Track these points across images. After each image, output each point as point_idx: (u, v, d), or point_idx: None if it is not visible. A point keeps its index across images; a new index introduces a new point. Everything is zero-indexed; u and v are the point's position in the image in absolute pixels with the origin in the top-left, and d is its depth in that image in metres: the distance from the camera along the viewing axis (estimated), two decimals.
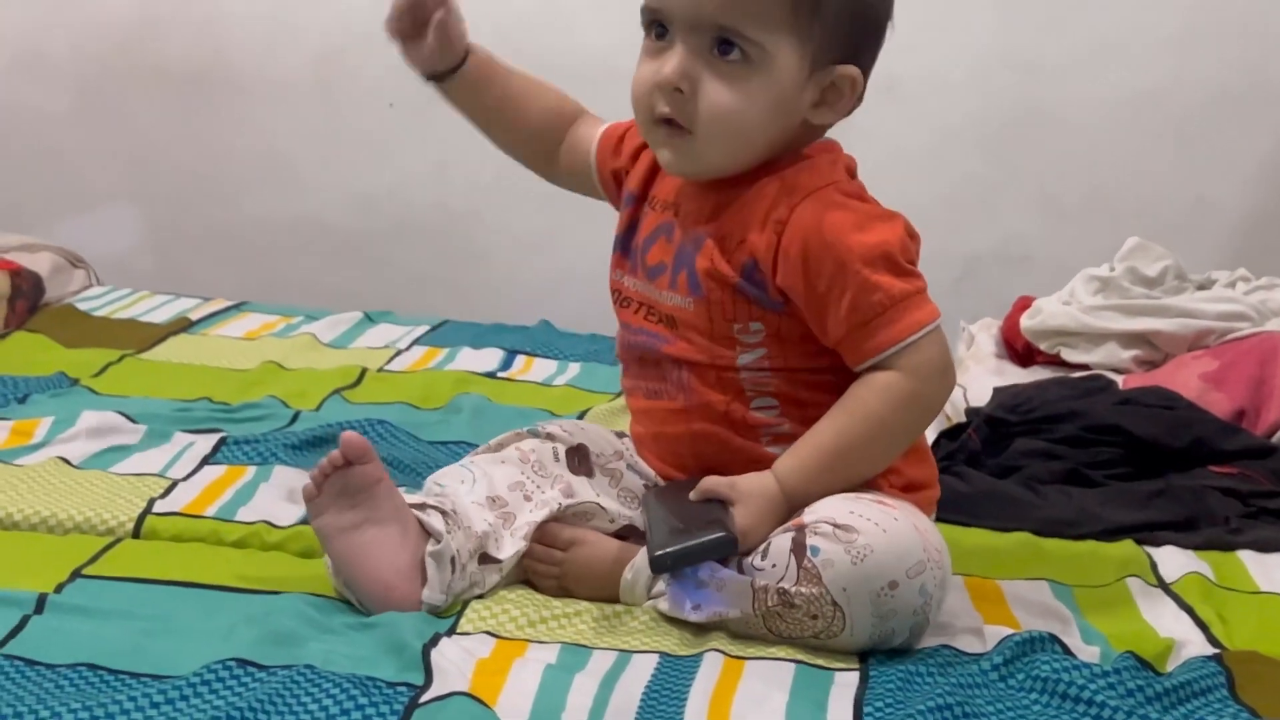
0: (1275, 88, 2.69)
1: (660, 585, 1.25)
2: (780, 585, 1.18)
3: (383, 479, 1.23)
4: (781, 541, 1.20)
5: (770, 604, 1.19)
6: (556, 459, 1.35)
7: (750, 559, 1.22)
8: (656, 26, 1.25)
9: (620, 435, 1.43)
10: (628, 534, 1.34)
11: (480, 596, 1.26)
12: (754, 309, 1.27)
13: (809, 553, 1.18)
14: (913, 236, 1.27)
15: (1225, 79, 2.70)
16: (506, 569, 1.28)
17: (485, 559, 1.27)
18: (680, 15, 1.23)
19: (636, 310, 1.34)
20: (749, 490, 1.25)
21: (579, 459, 1.36)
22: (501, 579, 1.28)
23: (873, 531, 1.18)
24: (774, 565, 1.19)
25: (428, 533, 1.24)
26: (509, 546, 1.28)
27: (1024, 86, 2.75)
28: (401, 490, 1.28)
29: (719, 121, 1.24)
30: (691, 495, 1.27)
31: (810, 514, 1.21)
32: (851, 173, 1.31)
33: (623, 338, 1.38)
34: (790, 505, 1.24)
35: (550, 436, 1.37)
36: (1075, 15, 2.72)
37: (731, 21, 1.22)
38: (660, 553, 1.20)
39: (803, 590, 1.17)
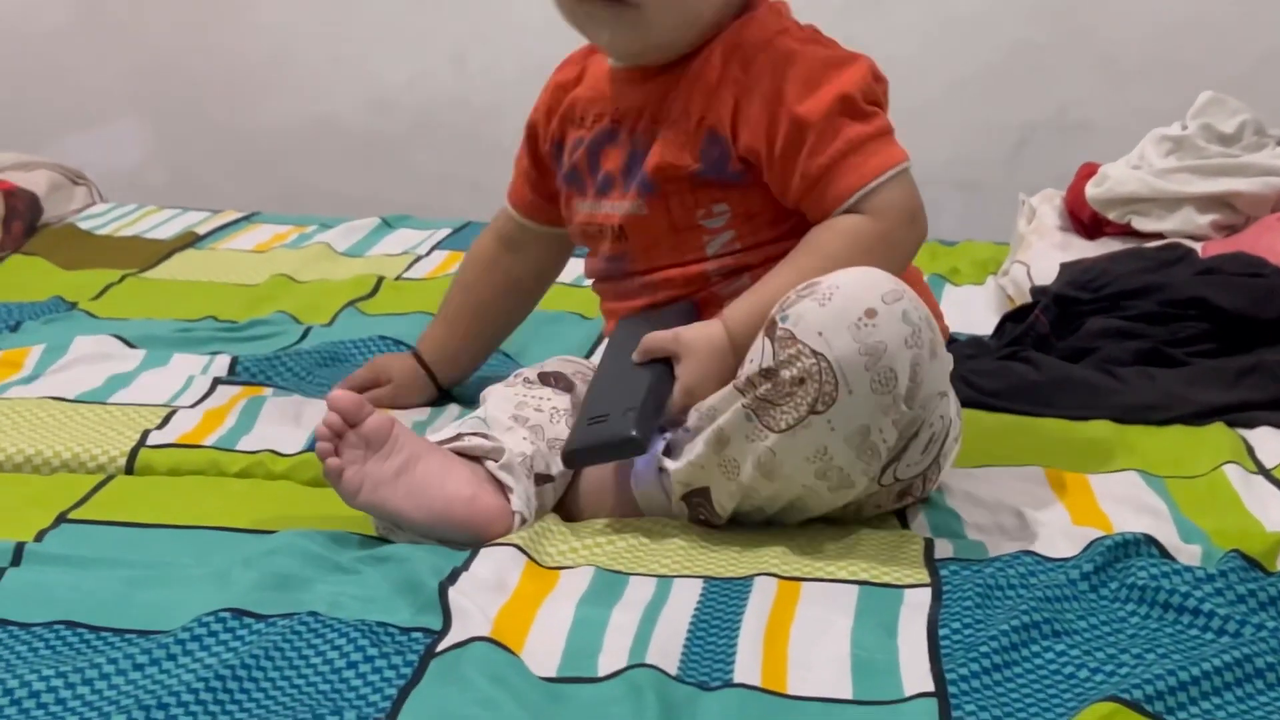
0: None
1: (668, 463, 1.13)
2: (761, 366, 1.07)
3: (395, 422, 1.11)
4: (756, 341, 1.10)
5: (758, 393, 1.07)
6: (530, 384, 1.24)
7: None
8: None
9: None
10: None
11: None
12: (715, 190, 1.19)
13: (779, 322, 1.07)
14: (878, 79, 1.19)
15: None
16: (560, 487, 1.17)
17: (540, 479, 1.15)
18: None
19: (594, 236, 1.26)
20: (694, 344, 1.15)
21: (554, 378, 1.25)
22: (557, 496, 1.18)
23: (837, 274, 1.08)
24: (752, 360, 1.09)
25: (477, 458, 1.13)
26: (557, 462, 1.16)
27: None
28: None
29: None
30: (634, 355, 1.16)
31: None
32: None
33: (589, 265, 1.30)
34: (739, 355, 1.12)
35: (518, 376, 1.26)
36: None
37: None
38: (566, 450, 1.12)
39: (782, 357, 1.06)
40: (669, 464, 1.12)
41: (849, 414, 1.06)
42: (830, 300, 1.05)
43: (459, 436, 1.14)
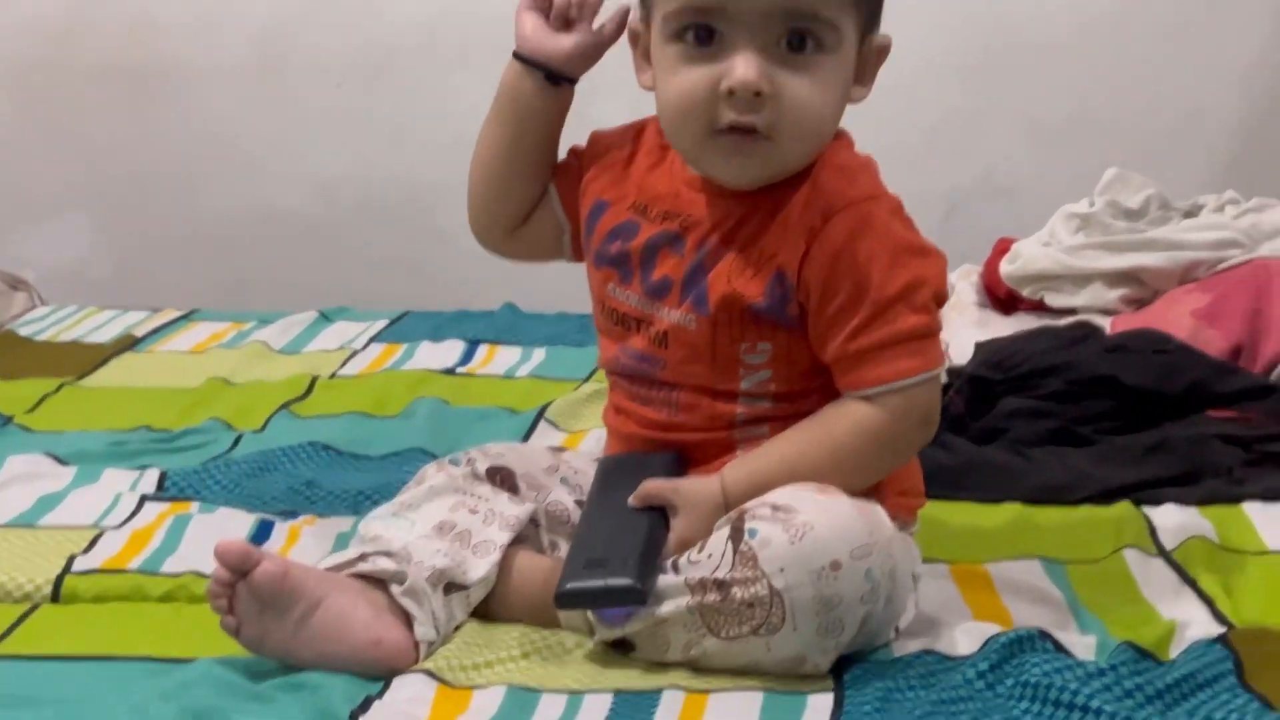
0: None
1: None
2: (716, 575, 1.08)
3: (288, 567, 1.11)
4: (720, 533, 1.11)
5: (707, 599, 1.09)
6: (477, 478, 1.25)
7: (686, 555, 1.12)
8: (699, 30, 1.13)
9: (558, 450, 1.35)
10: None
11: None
12: (766, 328, 1.18)
13: (746, 535, 1.08)
14: (943, 280, 1.18)
15: None
16: (476, 597, 1.19)
17: (451, 588, 1.17)
18: (747, 8, 1.10)
19: (629, 327, 1.24)
20: (693, 498, 1.16)
21: (500, 477, 1.26)
22: (472, 605, 1.19)
23: (813, 511, 1.09)
24: (710, 556, 1.10)
25: (381, 580, 1.15)
26: (477, 568, 1.18)
27: (999, 8, 2.63)
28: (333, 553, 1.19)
29: (804, 122, 1.13)
30: (631, 499, 1.17)
31: (750, 503, 1.12)
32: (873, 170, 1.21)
33: (610, 354, 1.27)
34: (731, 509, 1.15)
35: (470, 461, 1.27)
36: None
37: (811, 6, 1.11)
38: (561, 590, 1.12)
39: (738, 575, 1.07)
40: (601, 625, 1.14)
41: (788, 644, 1.08)
42: (801, 540, 1.07)
43: (363, 557, 1.16)
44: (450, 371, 1.93)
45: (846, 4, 1.14)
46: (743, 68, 1.11)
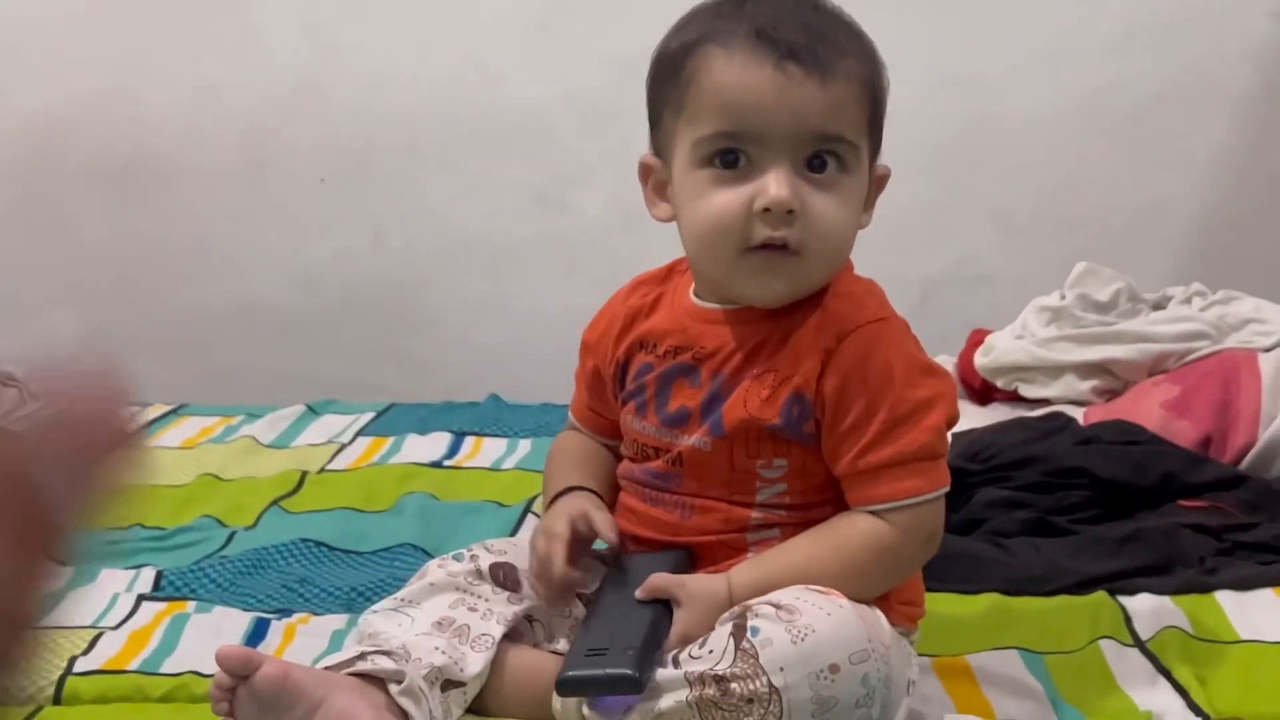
0: (1219, 81, 2.63)
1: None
2: (716, 670, 1.11)
3: (289, 671, 1.13)
4: (722, 629, 1.14)
5: (705, 693, 1.11)
6: (480, 577, 1.28)
7: (687, 650, 1.15)
8: (729, 154, 1.17)
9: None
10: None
11: None
12: (780, 445, 1.22)
13: (748, 633, 1.11)
14: (951, 402, 1.23)
15: (1168, 76, 2.64)
16: (472, 692, 1.21)
17: (448, 685, 1.20)
18: (779, 133, 1.16)
19: (649, 455, 1.28)
20: (698, 593, 1.19)
21: (503, 573, 1.29)
22: (469, 700, 1.21)
23: (816, 614, 1.12)
24: (711, 651, 1.13)
25: (379, 679, 1.17)
26: (474, 663, 1.21)
27: (964, 104, 2.69)
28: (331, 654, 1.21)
29: (829, 239, 1.18)
30: (638, 593, 1.20)
31: (754, 600, 1.15)
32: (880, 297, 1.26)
33: (627, 468, 1.31)
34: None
35: (474, 558, 1.30)
36: (1008, 26, 2.67)
37: (840, 128, 1.17)
38: (562, 677, 1.15)
39: (738, 671, 1.10)
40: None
41: None
42: (802, 641, 1.10)
43: (363, 656, 1.18)
44: (438, 465, 1.96)
45: (864, 129, 1.20)
46: (775, 186, 1.15)
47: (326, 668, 1.19)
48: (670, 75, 1.21)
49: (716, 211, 1.18)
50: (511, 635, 1.26)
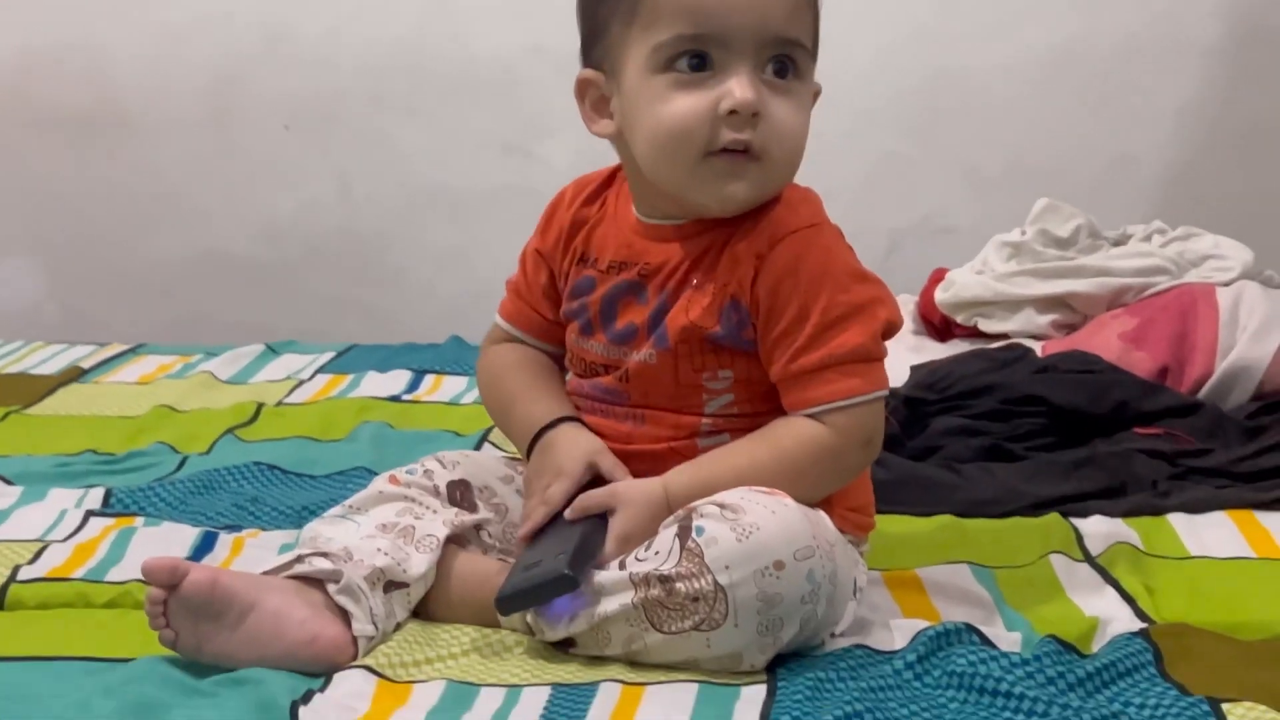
0: (1187, 36, 2.65)
1: None
2: (660, 570, 1.11)
3: (217, 577, 1.13)
4: (668, 531, 1.14)
5: (651, 593, 1.11)
6: (436, 493, 1.28)
7: (633, 555, 1.15)
8: (692, 57, 1.17)
9: (513, 460, 1.37)
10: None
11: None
12: (723, 355, 1.22)
13: (693, 533, 1.11)
14: (889, 307, 1.22)
15: (1136, 31, 2.66)
16: (416, 594, 1.21)
17: (391, 586, 1.19)
18: (744, 34, 1.16)
19: (596, 372, 1.28)
20: (633, 496, 1.20)
21: (460, 492, 1.28)
22: (413, 602, 1.21)
23: (760, 512, 1.12)
24: (657, 553, 1.13)
25: (318, 580, 1.17)
26: (418, 563, 1.20)
27: (933, 58, 2.71)
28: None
29: (788, 142, 1.18)
30: (567, 513, 1.20)
31: (699, 501, 1.15)
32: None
33: (574, 385, 1.31)
34: (674, 511, 1.18)
35: (428, 473, 1.29)
36: None
37: (797, 32, 1.18)
38: (499, 595, 1.15)
39: (683, 570, 1.10)
40: (547, 625, 1.15)
41: (728, 640, 1.11)
42: (747, 539, 1.10)
43: (300, 559, 1.18)
44: (396, 399, 1.96)
45: (812, 36, 1.21)
46: (740, 89, 1.15)
47: (265, 573, 1.19)
48: None
49: (680, 115, 1.17)
50: (459, 542, 1.25)
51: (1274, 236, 2.28)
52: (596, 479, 1.24)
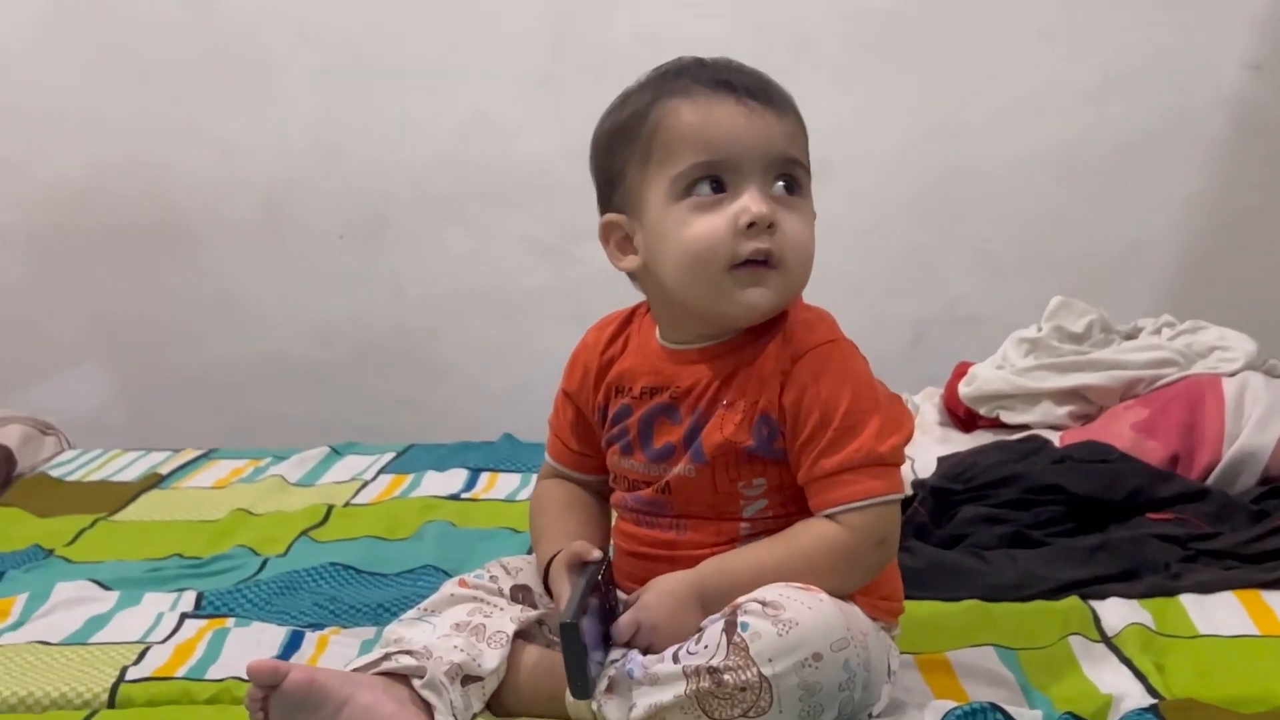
0: (1194, 127, 2.76)
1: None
2: (710, 663, 1.22)
3: (314, 676, 1.25)
4: (715, 626, 1.25)
5: (702, 685, 1.22)
6: (501, 594, 1.40)
7: (684, 647, 1.25)
8: (712, 182, 1.31)
9: None
10: None
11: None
12: (756, 465, 1.34)
13: (739, 629, 1.22)
14: (904, 419, 1.34)
15: (1144, 123, 2.77)
16: (490, 686, 1.32)
17: (468, 680, 1.31)
18: (752, 157, 1.30)
19: (638, 487, 1.40)
20: (655, 584, 1.31)
21: (522, 594, 1.41)
22: (487, 694, 1.32)
23: (798, 608, 1.23)
24: (706, 647, 1.23)
25: (404, 676, 1.28)
26: (490, 658, 1.32)
27: (951, 152, 2.82)
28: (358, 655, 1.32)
29: (801, 250, 1.32)
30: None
31: (742, 599, 1.26)
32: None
33: (618, 498, 1.43)
34: (701, 600, 1.29)
35: (494, 578, 1.42)
36: (991, 77, 2.79)
37: (796, 153, 1.33)
38: (572, 690, 1.25)
39: (731, 664, 1.21)
40: (609, 714, 1.26)
41: None
42: (788, 634, 1.20)
43: (387, 657, 1.30)
44: (455, 497, 2.08)
45: (807, 158, 1.35)
46: (755, 204, 1.29)
47: (354, 669, 1.31)
48: (629, 136, 1.34)
49: (703, 234, 1.30)
50: (525, 636, 1.37)
51: (1278, 315, 2.40)
52: (588, 563, 1.34)
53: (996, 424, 2.09)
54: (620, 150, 1.35)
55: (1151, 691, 1.34)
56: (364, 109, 2.91)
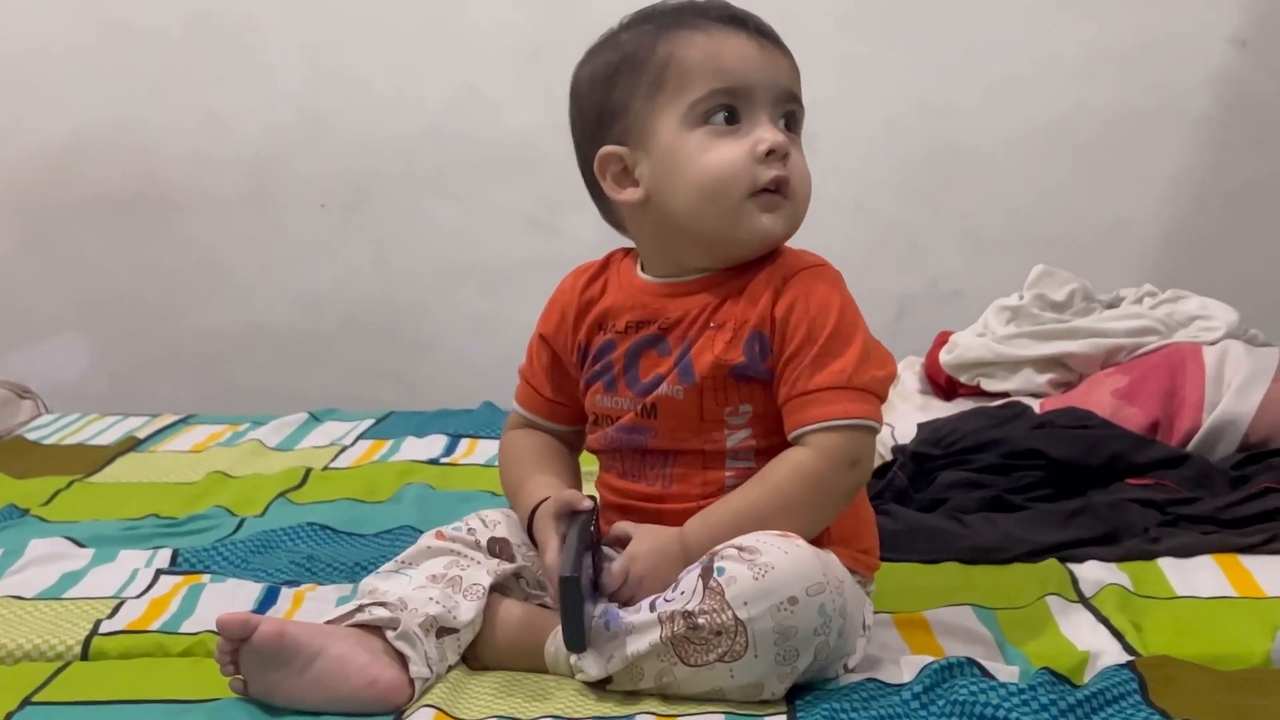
0: (1179, 105, 2.78)
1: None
2: (686, 608, 1.22)
3: (284, 628, 1.24)
4: (692, 573, 1.25)
5: (677, 629, 1.22)
6: (479, 547, 1.39)
7: (660, 596, 1.26)
8: (726, 111, 1.33)
9: None
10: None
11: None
12: (744, 389, 1.34)
13: (715, 573, 1.22)
14: (888, 358, 1.34)
15: (1130, 101, 2.78)
16: (465, 639, 1.32)
17: (443, 633, 1.31)
18: (764, 88, 1.33)
19: (619, 416, 1.39)
20: (645, 529, 1.32)
21: (500, 547, 1.40)
22: (463, 647, 1.32)
23: (775, 553, 1.23)
24: (682, 593, 1.24)
25: (377, 628, 1.28)
26: (466, 611, 1.32)
27: (937, 129, 2.83)
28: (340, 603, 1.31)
29: (805, 183, 1.35)
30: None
31: (719, 545, 1.26)
32: None
33: (596, 434, 1.42)
34: (686, 559, 1.29)
35: (471, 530, 1.41)
36: (978, 54, 2.80)
37: (798, 90, 1.36)
38: (568, 644, 1.25)
39: (706, 607, 1.21)
40: (587, 667, 1.26)
41: (750, 670, 1.22)
42: (764, 577, 1.21)
43: (360, 609, 1.30)
44: (435, 462, 2.08)
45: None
46: (772, 134, 1.32)
47: (328, 622, 1.30)
48: (636, 68, 1.35)
49: (725, 160, 1.32)
50: (501, 589, 1.37)
51: (1261, 294, 2.40)
52: (576, 512, 1.34)
53: (977, 391, 2.09)
54: (624, 82, 1.36)
55: (1129, 649, 1.34)
56: (351, 80, 2.90)
